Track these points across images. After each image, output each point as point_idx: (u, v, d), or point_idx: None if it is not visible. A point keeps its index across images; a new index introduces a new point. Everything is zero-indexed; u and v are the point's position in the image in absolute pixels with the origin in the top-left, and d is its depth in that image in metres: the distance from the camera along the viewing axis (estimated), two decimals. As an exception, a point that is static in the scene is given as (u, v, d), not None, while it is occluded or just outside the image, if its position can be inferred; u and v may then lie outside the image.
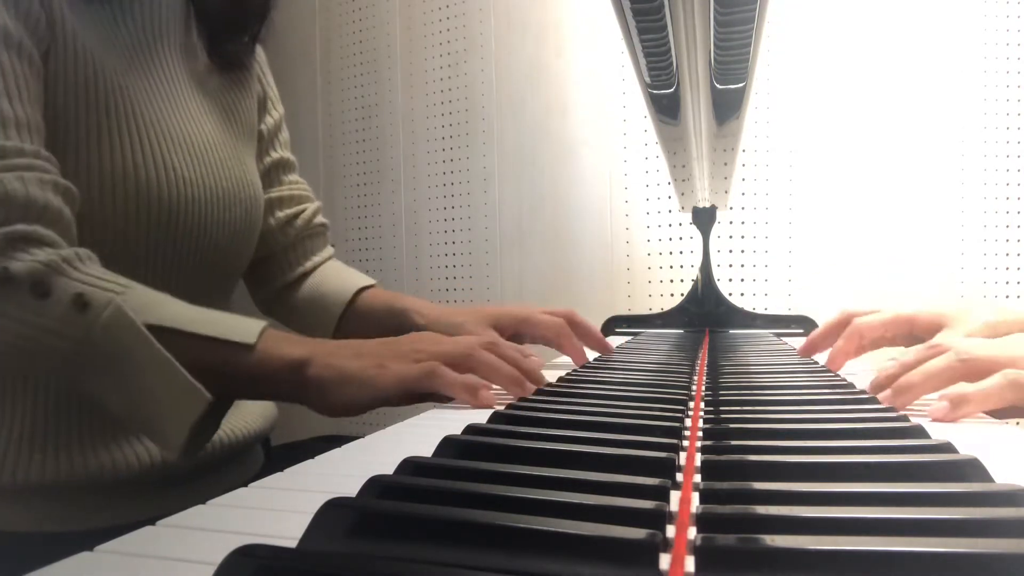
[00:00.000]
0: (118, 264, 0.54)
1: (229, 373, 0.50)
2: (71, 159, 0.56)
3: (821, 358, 0.68)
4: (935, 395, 0.46)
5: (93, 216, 0.57)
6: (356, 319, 0.80)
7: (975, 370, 0.45)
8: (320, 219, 0.86)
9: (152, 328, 0.48)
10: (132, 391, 0.48)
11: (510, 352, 0.55)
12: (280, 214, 0.82)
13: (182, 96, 0.66)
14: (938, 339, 0.49)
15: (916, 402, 0.47)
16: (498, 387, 0.53)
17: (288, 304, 0.83)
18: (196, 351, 0.48)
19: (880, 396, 0.47)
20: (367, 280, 0.84)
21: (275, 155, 0.82)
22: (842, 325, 0.65)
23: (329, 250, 0.87)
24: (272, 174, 0.82)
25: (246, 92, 0.76)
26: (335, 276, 0.85)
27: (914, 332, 0.62)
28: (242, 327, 0.51)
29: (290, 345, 0.52)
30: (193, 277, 0.66)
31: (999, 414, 0.45)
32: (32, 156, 0.51)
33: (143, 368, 0.47)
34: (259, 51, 0.80)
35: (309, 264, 0.84)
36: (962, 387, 0.44)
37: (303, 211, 0.84)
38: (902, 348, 0.60)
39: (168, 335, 0.48)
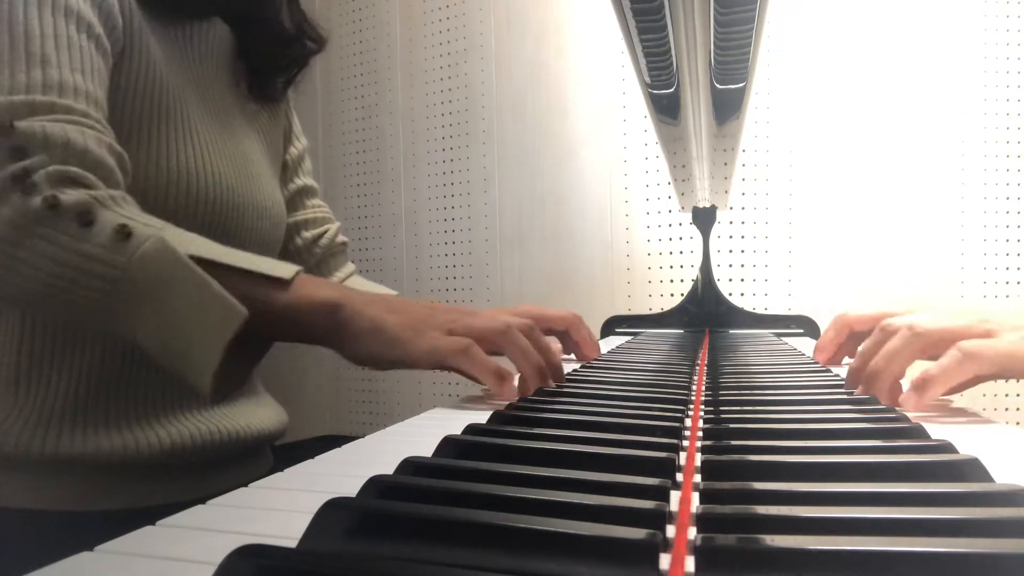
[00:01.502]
0: None
1: (263, 310, 0.50)
2: (131, 151, 0.60)
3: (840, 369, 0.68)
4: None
5: (144, 206, 0.60)
6: None
7: (931, 342, 0.46)
8: (342, 238, 0.91)
9: (192, 259, 0.49)
10: (168, 317, 0.49)
11: (543, 341, 0.55)
12: (307, 234, 0.87)
13: (228, 113, 0.73)
14: (888, 320, 0.50)
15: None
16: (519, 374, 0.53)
17: None
18: (233, 285, 0.49)
19: (856, 391, 0.47)
20: (392, 292, 0.87)
21: (299, 182, 0.88)
22: (840, 327, 0.69)
23: (351, 266, 0.92)
24: (297, 199, 0.88)
25: (276, 121, 0.83)
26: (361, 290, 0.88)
27: None
28: (278, 266, 0.53)
29: (324, 288, 0.54)
30: None
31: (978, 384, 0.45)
32: (95, 120, 0.55)
33: (180, 291, 0.48)
34: (289, 93, 0.86)
35: (334, 280, 0.89)
36: (924, 372, 0.44)
37: (326, 231, 0.89)
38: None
39: (207, 267, 0.49)
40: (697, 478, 0.29)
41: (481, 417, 0.39)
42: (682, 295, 1.13)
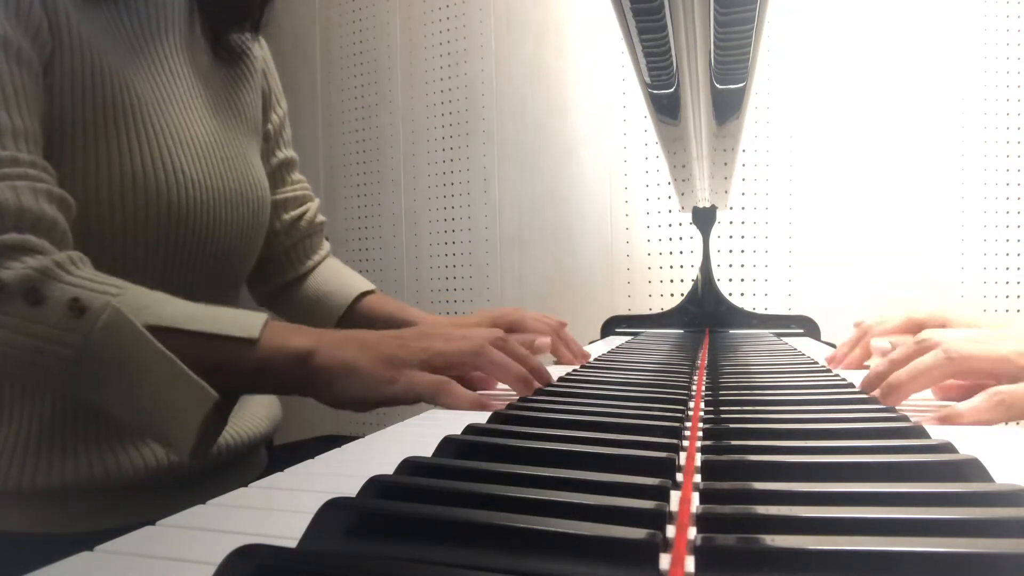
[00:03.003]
0: (125, 266, 0.52)
1: (233, 369, 0.49)
2: (79, 162, 0.55)
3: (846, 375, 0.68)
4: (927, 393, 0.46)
5: (101, 219, 0.56)
6: (355, 324, 0.81)
7: (963, 368, 0.45)
8: (320, 217, 0.87)
9: (152, 328, 0.46)
10: (136, 395, 0.47)
11: (519, 350, 0.54)
12: (286, 216, 0.83)
13: (188, 94, 0.65)
14: (926, 333, 0.49)
15: (911, 401, 0.47)
16: (505, 386, 0.53)
17: (289, 302, 0.84)
18: (198, 349, 0.47)
19: (870, 394, 0.47)
20: (367, 285, 0.86)
21: (281, 155, 0.83)
22: (859, 339, 0.68)
23: (327, 246, 0.89)
24: (278, 174, 0.82)
25: (250, 87, 0.75)
26: (335, 278, 0.86)
27: None
28: (243, 321, 0.50)
29: (294, 336, 0.51)
30: (201, 278, 0.66)
31: None
32: (27, 165, 0.50)
33: (146, 370, 0.46)
34: (263, 45, 0.80)
35: (310, 263, 0.85)
36: (954, 407, 0.43)
37: (307, 211, 0.85)
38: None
39: (168, 335, 0.47)
40: (697, 478, 0.29)
41: (481, 417, 0.39)
42: (682, 295, 1.13)
